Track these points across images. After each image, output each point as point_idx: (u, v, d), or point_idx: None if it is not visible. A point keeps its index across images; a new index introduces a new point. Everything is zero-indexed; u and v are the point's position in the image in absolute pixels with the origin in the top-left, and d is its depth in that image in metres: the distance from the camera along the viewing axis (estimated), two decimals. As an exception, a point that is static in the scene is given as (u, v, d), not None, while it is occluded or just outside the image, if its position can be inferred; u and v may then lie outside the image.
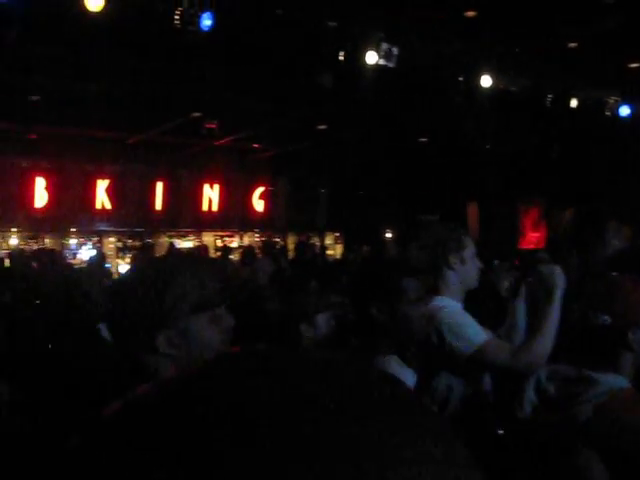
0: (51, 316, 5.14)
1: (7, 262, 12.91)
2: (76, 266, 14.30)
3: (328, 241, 21.83)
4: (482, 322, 3.55)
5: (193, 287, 2.03)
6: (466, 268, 3.66)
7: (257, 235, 21.20)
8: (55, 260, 11.79)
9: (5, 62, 10.03)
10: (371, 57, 10.43)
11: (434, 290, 3.61)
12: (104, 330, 4.45)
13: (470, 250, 3.68)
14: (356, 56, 10.50)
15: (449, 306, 3.56)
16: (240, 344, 2.24)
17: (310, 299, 3.39)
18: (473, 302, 3.71)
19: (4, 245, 17.45)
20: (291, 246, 19.05)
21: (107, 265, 14.30)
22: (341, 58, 10.57)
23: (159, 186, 18.95)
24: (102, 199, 18.15)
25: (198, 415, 0.47)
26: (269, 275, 8.47)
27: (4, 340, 4.29)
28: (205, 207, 19.84)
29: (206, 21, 8.96)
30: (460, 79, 12.08)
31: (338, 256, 20.49)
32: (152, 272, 2.07)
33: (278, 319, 3.20)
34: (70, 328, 4.40)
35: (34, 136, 15.70)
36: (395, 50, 10.69)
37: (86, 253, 18.21)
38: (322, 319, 3.34)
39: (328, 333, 3.35)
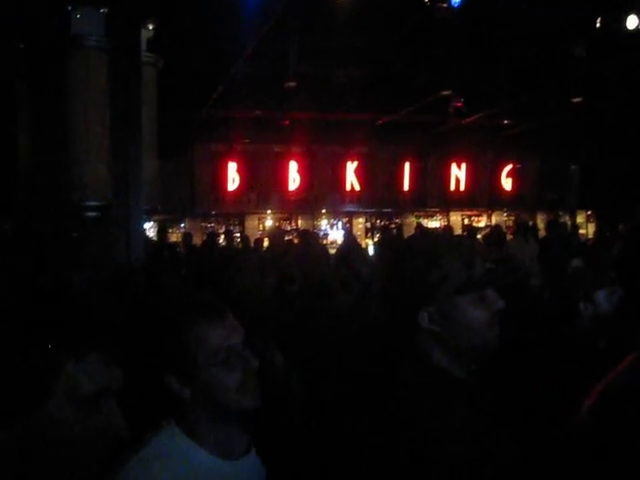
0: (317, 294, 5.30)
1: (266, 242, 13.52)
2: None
3: (579, 219, 20.91)
4: None
5: (459, 268, 2.02)
6: None
7: (505, 214, 20.78)
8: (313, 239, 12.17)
9: (263, 51, 10.46)
10: (631, 21, 9.77)
11: None
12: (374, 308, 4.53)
13: None
14: (614, 21, 9.87)
15: None
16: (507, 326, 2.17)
17: (585, 277, 3.24)
18: None
19: (260, 227, 18.41)
20: (540, 225, 18.45)
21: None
22: (597, 25, 10.00)
23: (407, 166, 19.05)
24: (351, 180, 18.57)
25: None
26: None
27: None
28: (452, 186, 19.67)
29: (456, -3, 8.83)
30: None
31: (590, 235, 19.59)
32: (420, 250, 2.08)
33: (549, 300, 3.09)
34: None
35: (287, 122, 16.30)
36: (658, 12, 9.94)
37: (336, 234, 18.79)
38: (603, 295, 3.18)
39: (610, 309, 3.17)
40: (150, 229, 16.68)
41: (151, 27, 7.60)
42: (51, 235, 6.25)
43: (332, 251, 12.70)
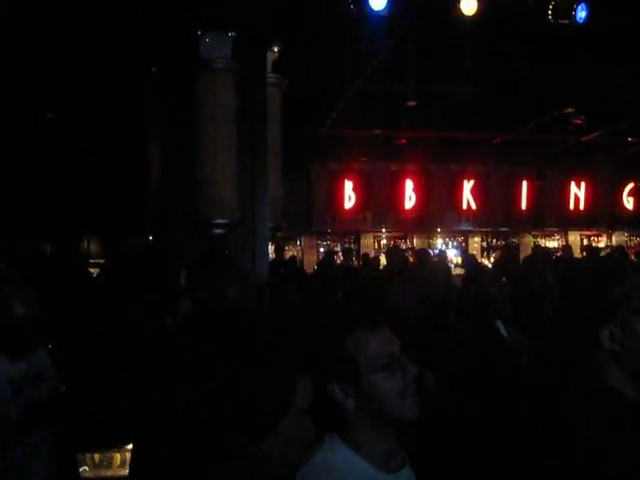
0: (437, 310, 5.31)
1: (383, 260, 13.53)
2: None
3: None
4: None
5: None
6: None
7: (626, 234, 20.16)
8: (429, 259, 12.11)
9: (381, 70, 10.52)
10: None
11: None
12: (501, 327, 4.53)
13: None
14: None
15: None
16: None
17: None
18: None
19: (375, 245, 18.46)
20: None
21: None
22: None
23: (524, 185, 18.77)
24: (467, 199, 18.44)
25: None
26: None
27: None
28: (571, 205, 19.25)
29: (581, 13, 8.67)
30: None
31: None
32: (602, 268, 2.10)
33: None
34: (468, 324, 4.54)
35: (404, 141, 16.31)
36: None
37: (450, 252, 18.67)
38: None
39: None
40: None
41: (276, 49, 7.79)
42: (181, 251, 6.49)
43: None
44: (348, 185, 17.59)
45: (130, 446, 4.73)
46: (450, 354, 4.09)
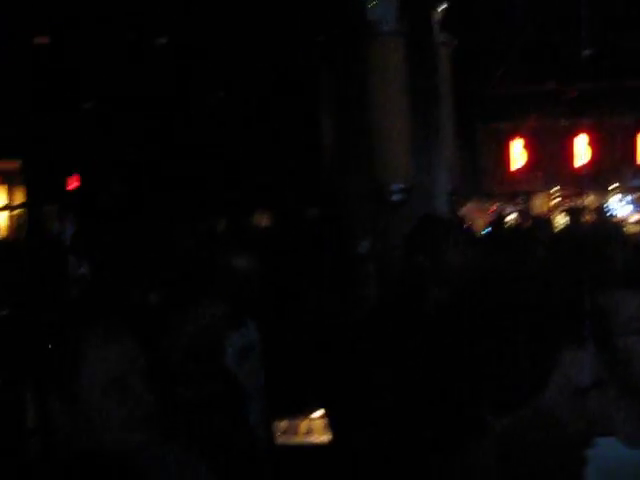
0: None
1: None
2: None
3: None
4: None
5: None
6: None
7: None
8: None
9: (548, 22, 10.12)
10: None
11: None
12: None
13: None
14: None
15: None
16: None
17: None
18: None
19: (546, 205, 17.86)
20: None
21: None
22: None
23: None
24: (644, 153, 17.54)
25: None
26: None
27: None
28: None
29: None
30: None
31: None
32: None
33: None
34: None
35: (574, 94, 15.68)
36: None
37: (626, 209, 17.87)
38: None
39: None
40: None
41: (441, 7, 7.57)
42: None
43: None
44: (517, 144, 17.12)
45: (315, 414, 4.77)
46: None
